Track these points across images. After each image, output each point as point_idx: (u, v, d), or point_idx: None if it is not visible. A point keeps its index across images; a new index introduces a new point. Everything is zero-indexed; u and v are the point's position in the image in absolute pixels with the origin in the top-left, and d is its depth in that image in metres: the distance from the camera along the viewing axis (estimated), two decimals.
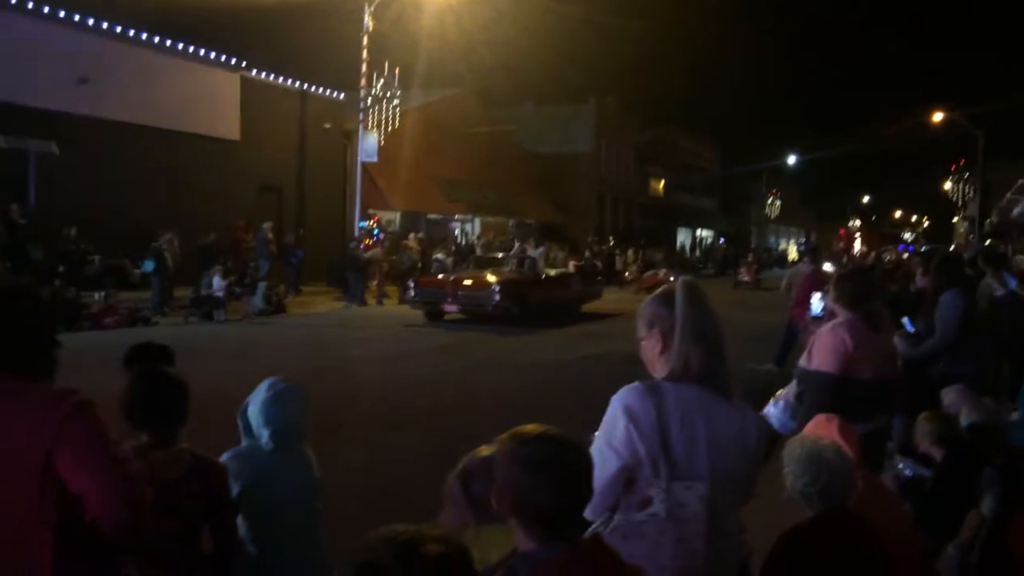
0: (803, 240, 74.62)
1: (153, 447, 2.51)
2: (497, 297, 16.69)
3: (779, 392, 3.92)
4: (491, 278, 17.46)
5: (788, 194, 69.72)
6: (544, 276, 19.25)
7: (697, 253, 52.89)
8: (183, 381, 2.58)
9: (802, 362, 3.91)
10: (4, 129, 17.06)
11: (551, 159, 41.70)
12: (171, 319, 16.68)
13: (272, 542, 2.81)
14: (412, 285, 18.30)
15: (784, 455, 2.79)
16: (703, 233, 61.44)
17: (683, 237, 58.05)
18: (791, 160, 60.49)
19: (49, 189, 18.11)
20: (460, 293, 17.14)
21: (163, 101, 20.74)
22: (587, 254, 34.12)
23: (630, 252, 37.69)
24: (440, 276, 19.40)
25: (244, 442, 2.88)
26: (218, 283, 17.28)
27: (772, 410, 3.81)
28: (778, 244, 73.69)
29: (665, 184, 53.71)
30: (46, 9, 18.39)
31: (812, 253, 11.90)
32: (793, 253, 60.01)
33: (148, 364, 2.56)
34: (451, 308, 17.27)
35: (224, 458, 2.82)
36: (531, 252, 21.75)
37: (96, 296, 16.05)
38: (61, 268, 16.23)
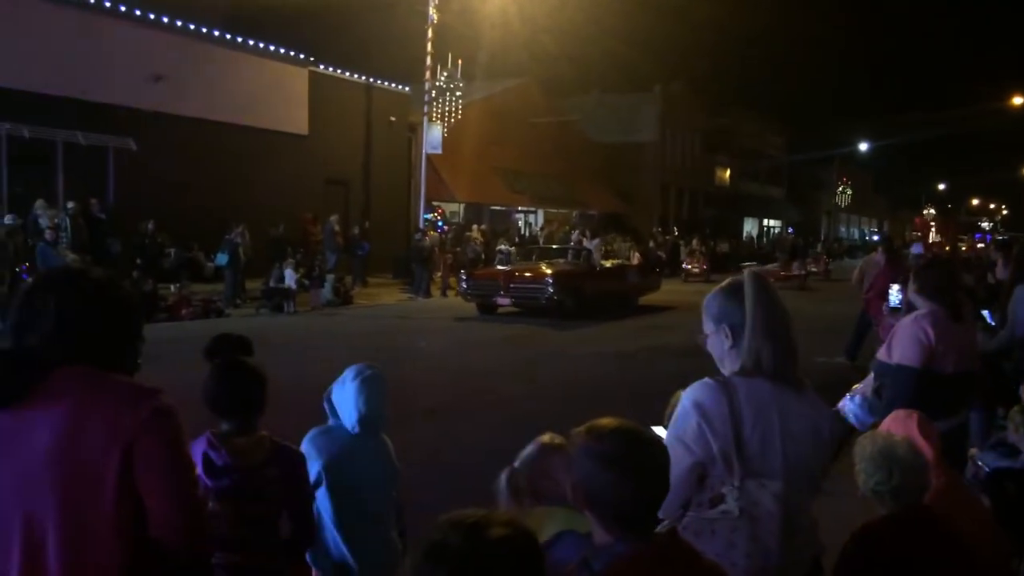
0: (874, 229, 72.74)
1: (234, 434, 2.59)
2: (550, 290, 16.46)
3: (855, 386, 3.84)
4: (544, 270, 17.20)
5: (859, 182, 67.92)
6: (599, 268, 18.88)
7: (764, 243, 51.89)
8: (262, 371, 2.66)
9: (881, 355, 3.80)
10: (84, 127, 17.68)
11: (615, 148, 41.36)
12: (243, 310, 17.12)
13: (348, 520, 2.90)
14: (464, 277, 18.13)
15: (855, 452, 2.74)
16: (770, 223, 60.28)
17: (750, 227, 57.05)
18: (863, 147, 58.87)
19: (127, 184, 18.73)
20: (512, 286, 16.93)
21: (234, 96, 21.24)
22: (651, 244, 33.82)
23: (695, 242, 37.21)
24: (493, 268, 19.22)
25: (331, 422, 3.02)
26: (290, 275, 17.68)
27: (848, 405, 3.72)
28: (849, 233, 71.89)
29: (731, 172, 52.81)
30: (122, 8, 18.96)
31: (886, 243, 11.59)
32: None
33: (229, 355, 2.64)
34: (504, 301, 17.10)
35: (311, 434, 2.97)
36: (586, 243, 21.35)
37: (172, 288, 16.57)
38: (139, 261, 16.77)
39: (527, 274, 17.23)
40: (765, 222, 59.72)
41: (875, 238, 63.99)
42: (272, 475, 2.58)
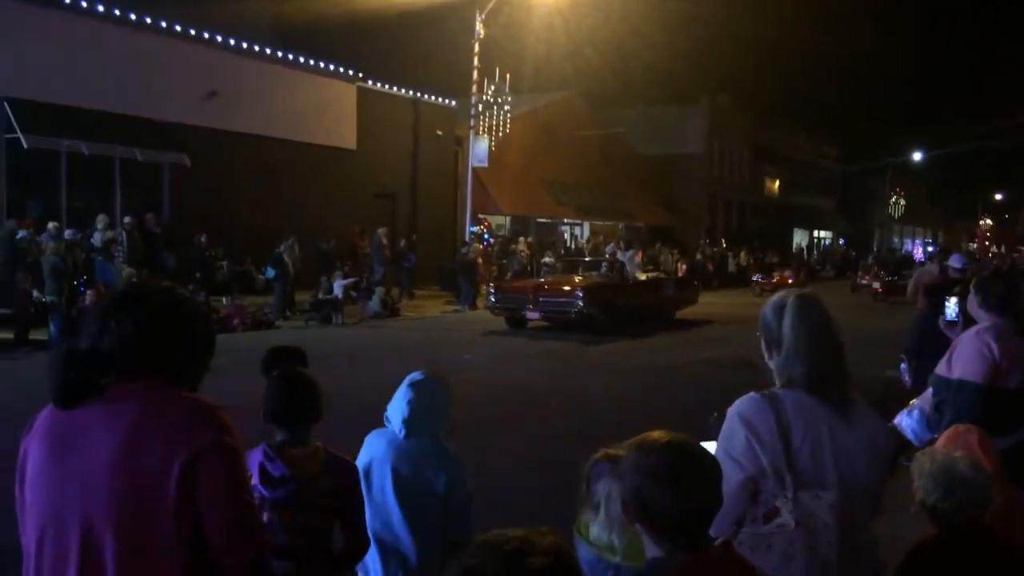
0: (929, 240, 71.15)
1: (289, 445, 2.63)
2: (580, 303, 15.83)
3: (913, 401, 3.74)
4: (574, 283, 16.61)
5: (913, 192, 66.57)
6: (633, 280, 18.19)
7: (815, 255, 51.12)
8: (316, 382, 2.69)
9: (940, 370, 3.70)
10: (140, 143, 18.14)
11: (661, 160, 41.17)
12: (292, 322, 17.36)
13: (391, 521, 2.91)
14: (492, 290, 17.55)
15: (914, 469, 2.68)
16: (821, 234, 59.32)
17: (799, 238, 56.22)
18: (916, 156, 57.68)
19: (181, 199, 19.16)
20: (542, 299, 16.34)
21: (284, 112, 21.63)
22: (698, 256, 33.55)
23: (743, 254, 36.83)
24: (522, 281, 18.71)
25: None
26: (339, 286, 17.90)
27: (906, 420, 3.63)
28: (902, 245, 70.43)
29: (780, 184, 52.15)
30: (177, 27, 19.45)
31: (943, 255, 11.34)
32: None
33: (285, 366, 2.68)
34: (533, 315, 16.49)
35: (368, 437, 3.02)
36: (620, 255, 20.75)
37: (224, 301, 16.88)
38: (196, 274, 17.11)
39: (557, 287, 16.68)
40: (816, 233, 58.79)
41: (930, 249, 62.64)
42: (326, 486, 2.60)
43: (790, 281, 28.63)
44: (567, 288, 16.41)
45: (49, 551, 1.82)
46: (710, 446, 2.46)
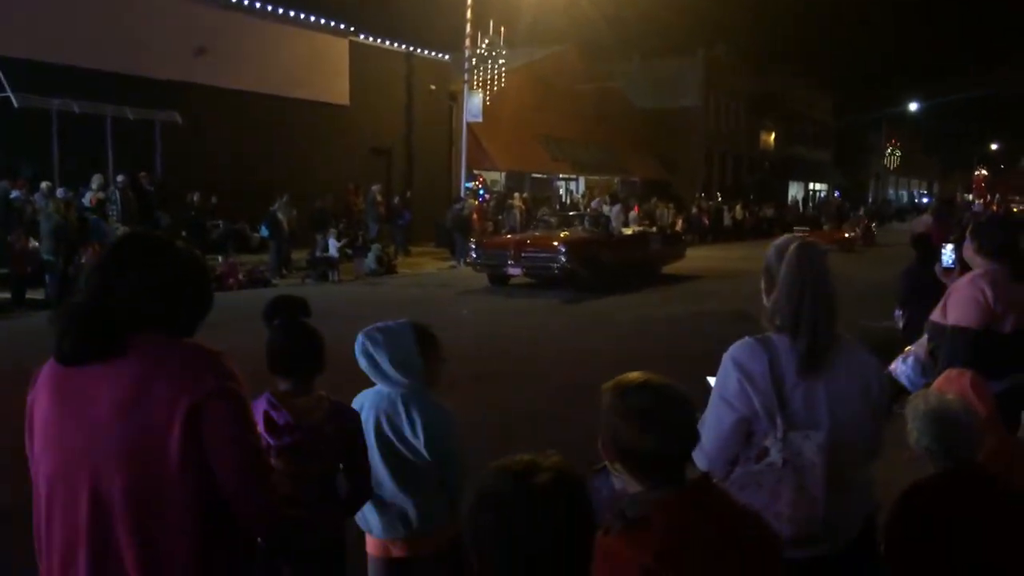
0: (923, 192, 71.10)
1: (293, 394, 2.66)
2: (563, 259, 15.48)
3: (908, 348, 3.79)
4: (556, 238, 16.25)
5: (909, 144, 66.33)
6: (618, 236, 17.83)
7: (810, 207, 51.06)
8: (319, 332, 2.71)
9: (935, 316, 3.73)
10: (131, 101, 17.95)
11: (658, 114, 40.89)
12: (288, 280, 17.36)
13: (379, 476, 2.89)
14: (473, 246, 17.15)
15: (907, 411, 2.72)
16: (817, 187, 59.21)
17: (795, 191, 56.11)
18: (912, 107, 57.33)
19: (173, 157, 19.01)
20: (524, 255, 15.98)
21: (276, 68, 21.39)
22: (694, 210, 33.50)
23: (738, 208, 36.79)
24: (502, 237, 18.21)
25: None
26: (333, 245, 17.87)
27: (901, 367, 3.68)
28: (898, 196, 70.33)
29: (777, 136, 51.90)
30: None
31: (946, 205, 11.38)
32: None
33: (288, 316, 2.70)
34: (514, 271, 16.19)
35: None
36: (607, 210, 20.28)
37: (219, 260, 16.85)
38: (184, 233, 17.06)
39: (539, 242, 16.31)
40: (811, 186, 58.68)
41: (924, 200, 62.54)
42: (331, 433, 2.63)
43: (847, 236, 27.81)
44: (549, 243, 16.06)
45: (59, 502, 1.83)
46: (713, 381, 2.53)
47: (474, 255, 16.96)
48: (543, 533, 1.45)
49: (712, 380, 2.48)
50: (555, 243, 15.92)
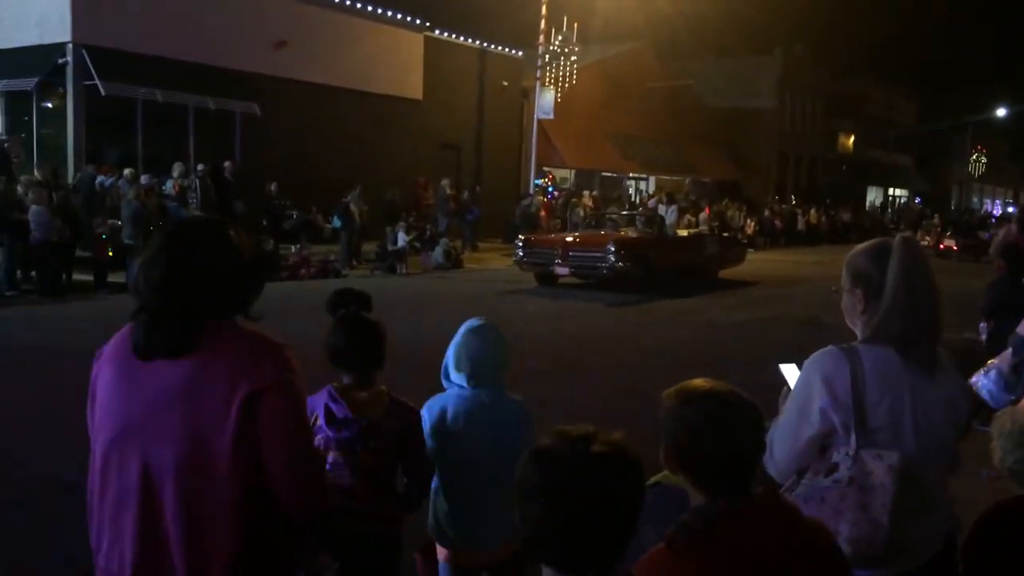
0: (1010, 200, 68.40)
1: (354, 388, 2.68)
2: (612, 258, 14.93)
3: (991, 362, 3.64)
4: (605, 237, 15.71)
5: (995, 150, 63.84)
6: (672, 237, 17.31)
7: (889, 213, 49.63)
8: (381, 326, 2.72)
9: (1022, 330, 3.57)
10: (212, 92, 18.45)
11: (731, 114, 40.18)
12: (358, 271, 17.63)
13: (466, 482, 2.84)
14: (520, 244, 16.43)
15: (993, 429, 2.60)
16: (896, 192, 57.48)
17: (873, 196, 54.57)
18: (999, 112, 55.17)
19: (251, 148, 19.47)
20: (572, 254, 15.46)
21: (352, 62, 21.70)
22: (766, 213, 32.88)
23: (812, 212, 35.95)
24: (551, 235, 17.69)
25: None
26: (402, 238, 18.07)
27: (983, 381, 3.53)
28: (981, 204, 67.84)
29: (856, 139, 50.51)
30: None
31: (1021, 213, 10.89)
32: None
33: (350, 309, 2.72)
34: (562, 271, 15.65)
35: (427, 403, 2.89)
36: (662, 210, 19.60)
37: (292, 249, 17.20)
38: (264, 222, 17.44)
39: (587, 241, 15.81)
40: (891, 191, 56.97)
41: (1010, 209, 60.17)
42: (390, 428, 2.65)
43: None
44: (598, 242, 15.51)
45: (113, 468, 1.89)
46: (788, 369, 2.43)
47: (520, 253, 16.29)
48: (587, 495, 1.45)
49: (785, 369, 2.38)
50: (604, 242, 15.39)
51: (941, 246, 27.87)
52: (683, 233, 18.33)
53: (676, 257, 16.66)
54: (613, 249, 15.01)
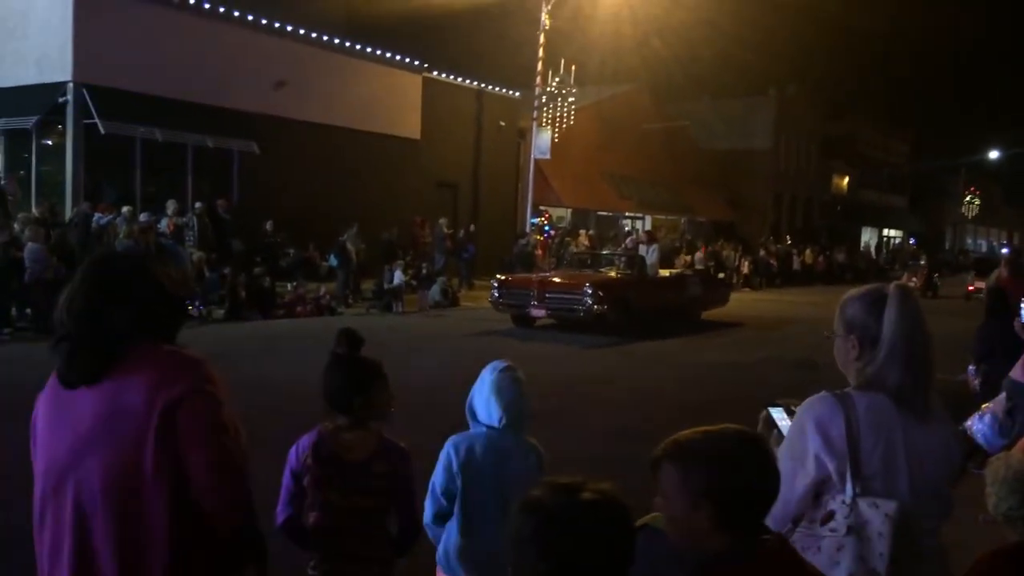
0: (1004, 242, 68.78)
1: (345, 429, 2.67)
2: (588, 300, 14.54)
3: (985, 406, 3.63)
4: (582, 278, 15.29)
5: (989, 192, 64.37)
6: (653, 277, 16.80)
7: (883, 254, 49.84)
8: (373, 369, 2.71)
9: (1015, 375, 3.57)
10: (211, 130, 18.59)
11: (726, 155, 40.58)
12: (354, 309, 17.61)
13: (485, 521, 2.85)
14: (496, 285, 15.94)
15: (987, 474, 2.58)
16: (891, 233, 57.78)
17: (868, 236, 54.85)
18: (993, 155, 55.69)
19: (249, 186, 19.58)
20: (548, 295, 15.02)
21: (351, 102, 21.91)
22: (761, 253, 33.03)
23: (808, 252, 36.11)
24: (527, 275, 17.15)
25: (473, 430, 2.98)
26: (399, 277, 18.10)
27: (978, 425, 3.51)
28: (976, 246, 68.15)
29: (850, 180, 50.92)
30: (249, 17, 19.84)
31: (1013, 256, 10.92)
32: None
33: (342, 351, 2.72)
34: (538, 312, 15.23)
35: (454, 438, 2.94)
36: (643, 250, 18.73)
37: (288, 287, 17.21)
38: (258, 259, 17.48)
39: (564, 283, 15.42)
40: (885, 232, 57.28)
41: (1004, 251, 60.44)
42: (379, 470, 2.64)
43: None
44: (575, 284, 15.09)
45: (49, 506, 1.93)
46: (779, 413, 2.41)
47: (496, 294, 15.77)
48: (579, 545, 1.47)
49: (775, 412, 2.37)
50: (580, 284, 14.98)
51: (970, 287, 27.76)
52: (664, 273, 17.87)
53: (656, 298, 16.25)
54: (590, 291, 14.63)
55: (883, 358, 2.14)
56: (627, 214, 34.21)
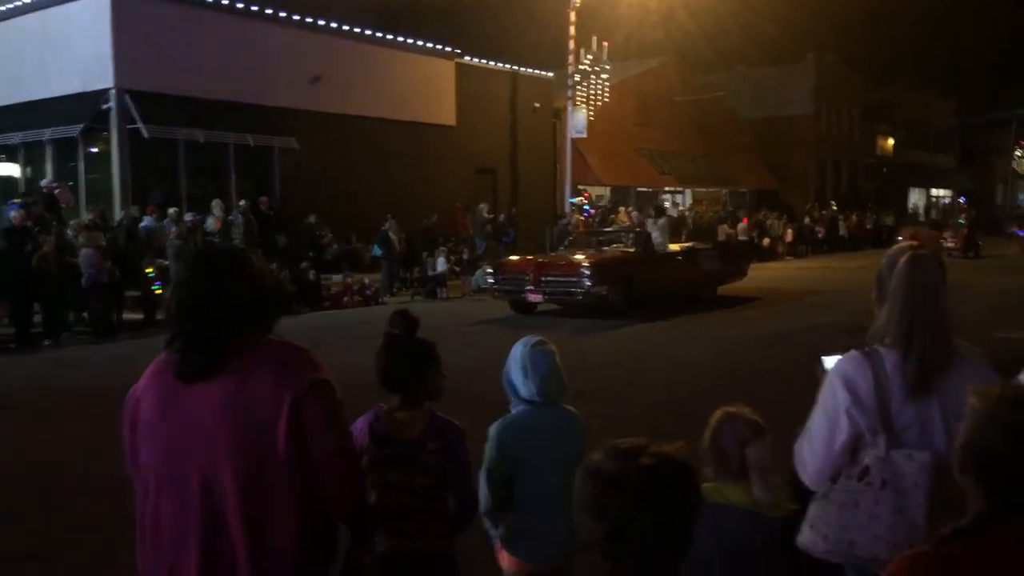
0: None
1: (397, 409, 2.75)
2: (588, 283, 13.62)
3: None
4: (580, 260, 14.26)
5: None
6: (660, 254, 15.76)
7: (932, 214, 48.73)
8: (427, 349, 2.79)
9: None
10: (252, 129, 18.86)
11: (765, 123, 39.91)
12: (398, 298, 17.79)
13: (540, 499, 2.91)
14: (491, 271, 15.28)
15: None
16: (940, 193, 56.43)
17: (916, 198, 53.66)
18: None
19: (290, 181, 19.85)
20: (544, 279, 14.14)
21: (385, 92, 22.04)
22: (806, 220, 32.54)
23: (854, 217, 35.46)
24: (523, 259, 15.87)
25: (513, 408, 3.05)
26: (441, 263, 18.25)
27: None
28: None
29: (895, 142, 49.77)
30: (282, 14, 20.03)
31: None
32: None
33: (396, 332, 2.79)
34: (535, 298, 14.39)
35: (497, 425, 3.00)
36: (650, 225, 17.73)
37: (334, 278, 17.45)
38: (312, 254, 17.70)
39: (560, 265, 14.51)
40: (933, 192, 55.95)
41: None
42: (431, 448, 2.70)
43: (947, 246, 25.29)
44: (572, 266, 14.13)
45: (167, 494, 1.98)
46: (832, 362, 2.45)
47: (491, 280, 15.07)
48: (632, 508, 1.48)
49: (828, 362, 2.41)
50: (577, 266, 14.01)
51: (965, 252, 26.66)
52: (675, 248, 16.81)
53: (664, 276, 15.28)
54: (588, 272, 13.72)
55: (887, 310, 2.25)
56: (667, 189, 33.92)
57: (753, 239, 26.21)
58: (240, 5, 19.25)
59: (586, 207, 26.55)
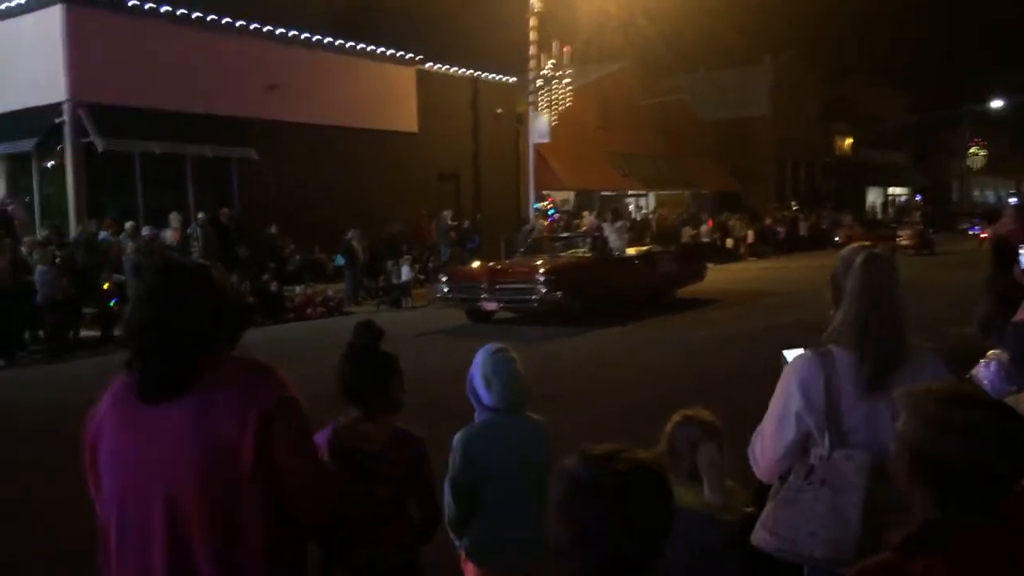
0: (1012, 191, 68.31)
1: (360, 421, 2.70)
2: (543, 289, 13.40)
3: (990, 352, 3.62)
4: (534, 266, 14.08)
5: (995, 142, 63.77)
6: (618, 257, 15.73)
7: (889, 212, 49.61)
8: (387, 359, 2.73)
9: (1020, 318, 3.56)
10: (208, 140, 18.62)
11: (726, 125, 40.37)
12: (363, 307, 17.66)
13: (504, 507, 2.92)
14: (444, 279, 15.11)
15: None
16: (896, 191, 57.44)
17: (873, 197, 54.56)
18: (996, 104, 55.09)
19: (250, 192, 19.61)
20: (499, 286, 13.95)
21: (345, 100, 21.90)
22: (767, 221, 32.94)
23: (814, 216, 35.99)
24: (476, 267, 15.79)
25: (478, 417, 3.05)
26: (406, 271, 18.14)
27: (983, 372, 3.52)
28: (983, 197, 67.66)
29: (852, 141, 50.60)
30: (238, 23, 19.82)
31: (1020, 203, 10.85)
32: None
33: (355, 342, 2.74)
34: (490, 306, 14.18)
35: (462, 435, 2.99)
36: (607, 229, 17.44)
37: (296, 289, 17.28)
38: (273, 265, 17.50)
39: (515, 271, 14.34)
40: (890, 191, 56.95)
41: (1011, 201, 60.05)
42: (393, 459, 2.67)
43: (902, 244, 26.22)
44: (526, 272, 13.89)
45: (132, 515, 1.92)
46: (793, 355, 2.49)
47: (445, 288, 14.86)
48: (602, 515, 1.47)
49: (789, 355, 2.45)
50: (532, 272, 13.79)
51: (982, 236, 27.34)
52: (630, 252, 16.71)
53: (621, 280, 15.02)
54: (542, 278, 13.49)
55: (842, 311, 2.28)
56: (630, 192, 34.13)
57: (716, 241, 26.47)
58: (195, 15, 19.01)
59: (551, 212, 26.62)
